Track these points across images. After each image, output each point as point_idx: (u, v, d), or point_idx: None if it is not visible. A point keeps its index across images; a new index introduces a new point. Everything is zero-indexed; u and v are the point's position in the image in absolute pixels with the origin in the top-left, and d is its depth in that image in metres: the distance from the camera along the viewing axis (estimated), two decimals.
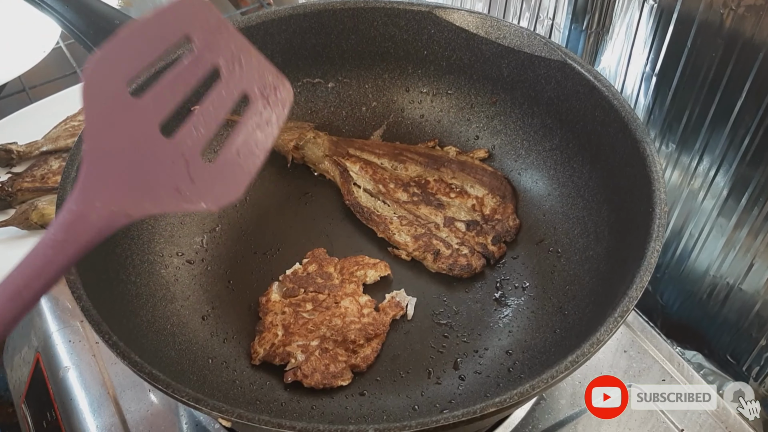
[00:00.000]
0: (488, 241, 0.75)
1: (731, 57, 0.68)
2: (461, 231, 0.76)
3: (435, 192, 0.80)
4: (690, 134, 0.77)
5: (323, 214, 0.80)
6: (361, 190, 0.79)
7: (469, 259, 0.73)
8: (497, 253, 0.75)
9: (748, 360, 0.79)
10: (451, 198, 0.79)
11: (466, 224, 0.76)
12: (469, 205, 0.78)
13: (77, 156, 0.65)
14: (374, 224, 0.77)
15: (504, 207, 0.77)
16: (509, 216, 0.77)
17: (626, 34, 0.81)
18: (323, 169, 0.82)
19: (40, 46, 1.13)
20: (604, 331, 0.53)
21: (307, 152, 0.81)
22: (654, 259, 0.57)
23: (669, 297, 0.87)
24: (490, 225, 0.76)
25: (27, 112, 1.07)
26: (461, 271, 0.73)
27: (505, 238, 0.76)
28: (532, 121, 0.79)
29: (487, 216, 0.77)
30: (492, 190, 0.79)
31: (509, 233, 0.76)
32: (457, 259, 0.73)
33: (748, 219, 0.73)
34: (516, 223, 0.77)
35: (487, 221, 0.77)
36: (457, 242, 0.75)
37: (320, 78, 0.84)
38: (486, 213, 0.78)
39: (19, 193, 0.94)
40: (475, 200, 0.78)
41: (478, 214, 0.77)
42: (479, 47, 0.79)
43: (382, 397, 0.65)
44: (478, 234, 0.76)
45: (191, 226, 0.76)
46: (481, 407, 0.49)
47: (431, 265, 0.74)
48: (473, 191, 0.79)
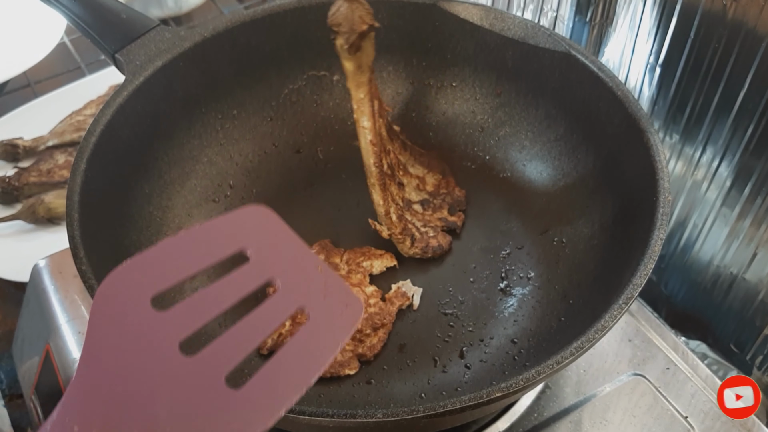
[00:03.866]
0: (445, 214, 0.77)
1: (734, 47, 0.69)
2: (419, 213, 0.77)
3: (395, 167, 0.78)
4: (693, 125, 0.77)
5: (329, 206, 0.81)
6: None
7: (438, 239, 0.75)
8: (459, 221, 0.77)
9: (752, 349, 0.80)
10: (402, 177, 0.79)
11: (421, 204, 0.78)
12: (413, 185, 0.79)
13: (86, 150, 0.65)
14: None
15: (446, 181, 0.80)
16: (453, 188, 0.79)
17: (630, 25, 0.81)
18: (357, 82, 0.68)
19: (44, 42, 1.14)
20: (608, 317, 0.54)
21: (367, 46, 0.67)
22: (658, 247, 0.58)
23: (673, 287, 0.88)
24: (440, 199, 0.79)
25: (32, 107, 1.08)
26: (434, 252, 0.74)
27: (459, 207, 0.78)
28: (537, 112, 0.79)
29: (433, 192, 0.79)
30: (430, 168, 0.81)
31: (460, 202, 0.78)
32: (429, 241, 0.75)
33: (751, 209, 0.74)
34: (462, 192, 0.79)
35: (435, 197, 0.79)
36: (421, 225, 0.76)
37: (325, 71, 0.85)
38: (431, 190, 0.79)
39: (26, 188, 0.95)
40: (417, 180, 0.80)
41: (425, 193, 0.79)
42: (483, 39, 0.79)
43: (389, 385, 0.66)
44: (434, 211, 0.77)
45: (198, 217, 0.77)
46: (487, 392, 0.50)
47: (407, 250, 0.74)
48: (413, 170, 0.80)
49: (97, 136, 0.66)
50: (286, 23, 0.80)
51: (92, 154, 0.65)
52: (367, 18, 0.65)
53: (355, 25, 0.65)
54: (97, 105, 1.06)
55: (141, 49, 0.72)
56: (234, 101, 0.81)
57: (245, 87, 0.81)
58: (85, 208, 0.62)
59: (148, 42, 0.73)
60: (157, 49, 0.73)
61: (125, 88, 0.70)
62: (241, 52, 0.79)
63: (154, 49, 0.73)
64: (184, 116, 0.77)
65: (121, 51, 0.72)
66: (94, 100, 1.08)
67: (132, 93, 0.70)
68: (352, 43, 0.65)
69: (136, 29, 0.74)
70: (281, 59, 0.82)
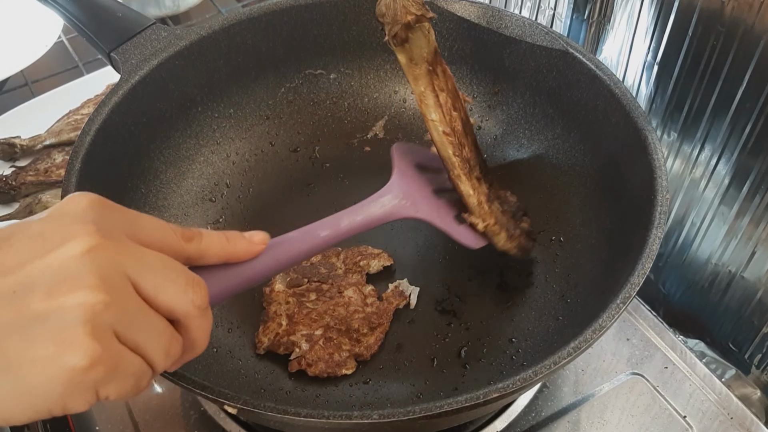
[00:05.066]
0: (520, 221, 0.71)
1: (732, 45, 0.68)
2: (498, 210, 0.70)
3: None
4: (691, 123, 0.77)
5: (326, 205, 0.80)
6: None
7: (527, 239, 0.70)
8: (527, 225, 0.71)
9: (750, 348, 0.80)
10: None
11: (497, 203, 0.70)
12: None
13: (81, 149, 0.65)
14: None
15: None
16: (504, 194, 0.72)
17: (627, 23, 0.81)
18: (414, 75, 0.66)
19: (42, 41, 1.13)
20: (606, 317, 0.54)
21: (417, 37, 0.64)
22: (656, 246, 0.57)
23: (671, 286, 0.88)
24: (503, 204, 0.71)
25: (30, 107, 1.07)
26: (524, 253, 0.70)
27: (522, 212, 0.72)
28: (534, 111, 0.79)
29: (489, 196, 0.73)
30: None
31: (519, 207, 0.72)
32: (521, 239, 0.69)
33: (749, 207, 0.74)
34: (514, 197, 0.72)
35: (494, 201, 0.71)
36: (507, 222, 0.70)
37: (322, 69, 0.85)
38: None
39: (23, 187, 0.94)
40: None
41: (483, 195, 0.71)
42: (481, 37, 0.79)
43: (386, 385, 0.66)
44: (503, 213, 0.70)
45: (195, 217, 0.77)
46: (484, 393, 0.50)
47: (503, 243, 0.68)
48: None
49: (93, 136, 0.66)
50: (282, 22, 0.79)
51: (87, 154, 0.65)
52: (413, 8, 0.61)
53: (399, 16, 0.62)
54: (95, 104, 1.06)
55: (136, 48, 0.72)
56: (230, 100, 0.81)
57: (241, 86, 0.81)
58: None
59: (144, 41, 0.73)
60: (153, 48, 0.73)
61: (121, 87, 0.70)
62: (237, 50, 0.78)
63: (149, 48, 0.73)
64: (180, 116, 0.76)
65: (117, 50, 0.72)
66: (91, 99, 1.07)
67: (127, 92, 0.70)
68: (395, 34, 0.63)
69: (132, 28, 0.73)
70: (278, 58, 0.82)
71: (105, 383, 0.37)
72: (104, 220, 0.40)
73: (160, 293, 0.39)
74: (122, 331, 0.38)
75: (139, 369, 0.39)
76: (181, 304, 0.40)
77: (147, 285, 0.39)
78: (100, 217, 0.40)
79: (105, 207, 0.41)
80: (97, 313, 0.36)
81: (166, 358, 0.40)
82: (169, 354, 0.41)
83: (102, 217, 0.40)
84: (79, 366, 0.36)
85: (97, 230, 0.38)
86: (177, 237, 0.43)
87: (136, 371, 0.39)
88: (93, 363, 0.36)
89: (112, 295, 0.37)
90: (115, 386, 0.38)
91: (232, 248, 0.47)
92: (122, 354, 0.38)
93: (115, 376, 0.37)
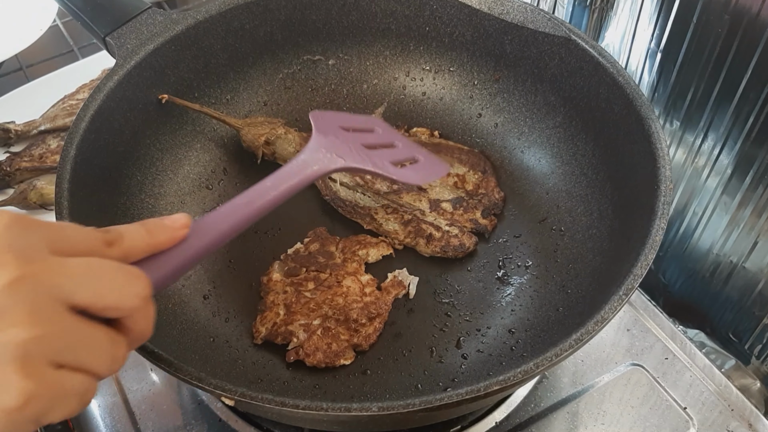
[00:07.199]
0: (478, 216, 0.75)
1: (737, 33, 0.67)
2: (448, 211, 0.75)
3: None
4: (695, 112, 0.76)
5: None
6: (338, 183, 0.77)
7: (461, 238, 0.73)
8: (489, 225, 0.75)
9: (750, 338, 0.79)
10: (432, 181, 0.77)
11: (452, 203, 0.76)
12: (451, 184, 0.77)
13: (76, 136, 0.64)
14: (359, 216, 0.76)
15: (486, 181, 0.77)
16: (493, 189, 0.77)
17: (631, 9, 0.80)
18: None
19: (36, 25, 1.12)
20: (608, 309, 0.53)
21: (278, 148, 0.77)
22: (659, 236, 0.57)
23: (671, 275, 0.87)
24: (476, 200, 0.76)
25: (24, 91, 1.06)
26: (455, 252, 0.72)
27: (494, 211, 0.76)
28: (536, 99, 0.78)
29: (471, 191, 0.77)
30: (472, 166, 0.78)
31: (497, 206, 0.76)
32: (449, 241, 0.73)
33: (752, 197, 0.73)
34: (501, 195, 0.77)
35: (472, 196, 0.77)
36: (447, 224, 0.74)
37: (321, 55, 0.83)
38: (469, 189, 0.77)
39: (18, 173, 0.93)
40: (456, 178, 0.78)
41: (462, 191, 0.77)
42: (482, 23, 0.78)
43: (385, 375, 0.65)
44: (465, 211, 0.75)
45: (192, 204, 0.76)
46: (484, 385, 0.49)
47: (424, 250, 0.73)
48: (453, 170, 0.78)
49: (87, 122, 0.65)
50: (280, 7, 0.78)
51: (82, 140, 0.64)
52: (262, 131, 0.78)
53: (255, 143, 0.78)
54: (90, 89, 1.04)
55: (132, 33, 0.71)
56: (227, 86, 0.80)
57: (239, 72, 0.80)
58: (75, 196, 0.61)
59: (140, 25, 0.72)
60: (149, 32, 0.72)
61: (116, 73, 0.69)
62: (234, 35, 0.77)
63: (145, 32, 0.71)
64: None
65: (112, 34, 0.71)
66: (87, 84, 1.06)
67: (123, 78, 0.69)
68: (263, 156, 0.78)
69: (127, 12, 0.72)
70: (275, 43, 0.80)
71: (44, 413, 0.36)
72: (23, 241, 0.38)
73: (100, 299, 0.38)
74: (60, 357, 0.37)
75: (82, 387, 0.38)
76: (127, 300, 0.39)
77: (85, 296, 0.38)
78: (19, 238, 0.38)
79: (22, 226, 0.38)
80: (28, 349, 0.35)
81: (113, 364, 0.40)
82: (116, 359, 0.40)
83: (20, 238, 0.38)
84: (12, 407, 0.35)
85: (15, 258, 0.36)
86: (99, 244, 0.42)
87: (78, 390, 0.38)
88: (27, 401, 0.35)
89: (44, 326, 0.36)
90: (57, 412, 0.37)
91: (155, 240, 0.45)
92: (61, 381, 0.37)
93: (55, 405, 0.37)
